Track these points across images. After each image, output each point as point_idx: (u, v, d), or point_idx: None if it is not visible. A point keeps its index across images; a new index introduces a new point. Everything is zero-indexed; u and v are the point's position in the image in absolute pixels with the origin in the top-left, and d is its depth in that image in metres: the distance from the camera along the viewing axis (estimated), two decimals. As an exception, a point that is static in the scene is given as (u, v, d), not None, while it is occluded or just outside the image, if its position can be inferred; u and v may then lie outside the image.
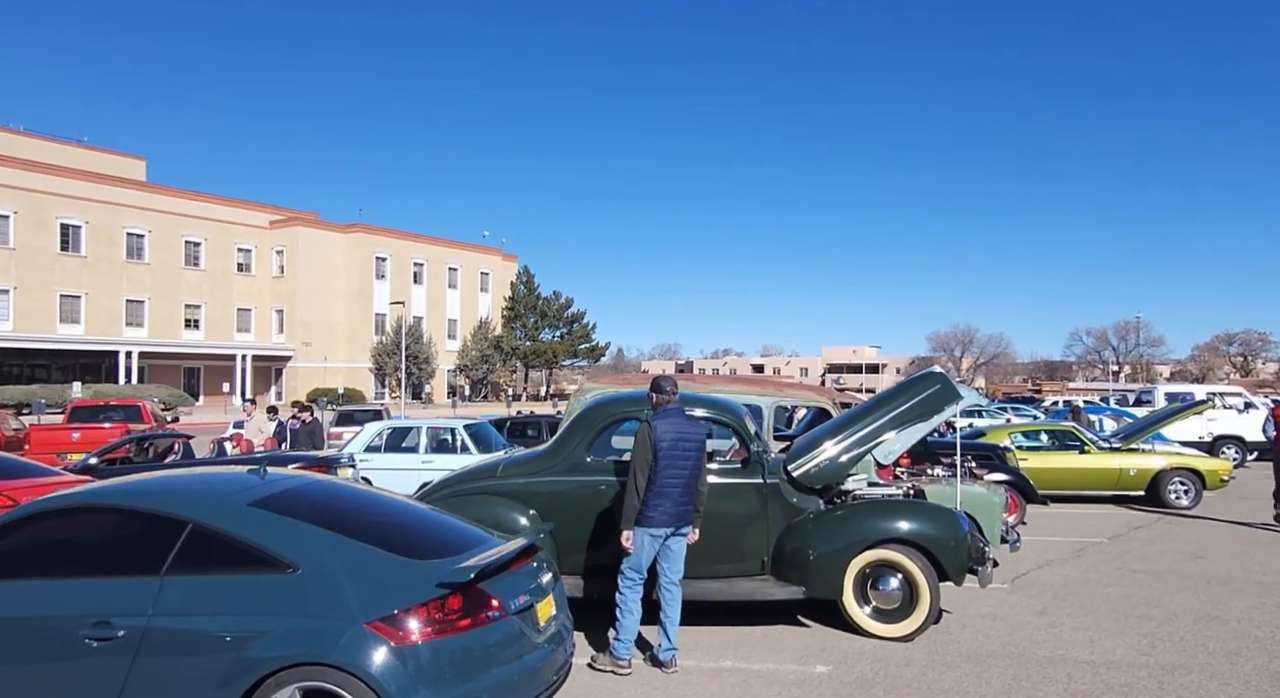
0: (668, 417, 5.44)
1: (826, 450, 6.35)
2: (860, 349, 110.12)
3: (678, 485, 5.32)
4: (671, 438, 5.33)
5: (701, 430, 5.51)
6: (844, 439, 6.41)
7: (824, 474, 6.31)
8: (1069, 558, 9.17)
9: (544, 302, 65.67)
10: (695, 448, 5.40)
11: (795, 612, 6.59)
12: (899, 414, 6.53)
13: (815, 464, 6.30)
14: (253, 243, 60.18)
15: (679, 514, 5.37)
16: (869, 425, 6.49)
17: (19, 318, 49.84)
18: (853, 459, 6.37)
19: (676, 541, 5.46)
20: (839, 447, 6.38)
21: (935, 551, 6.00)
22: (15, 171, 49.95)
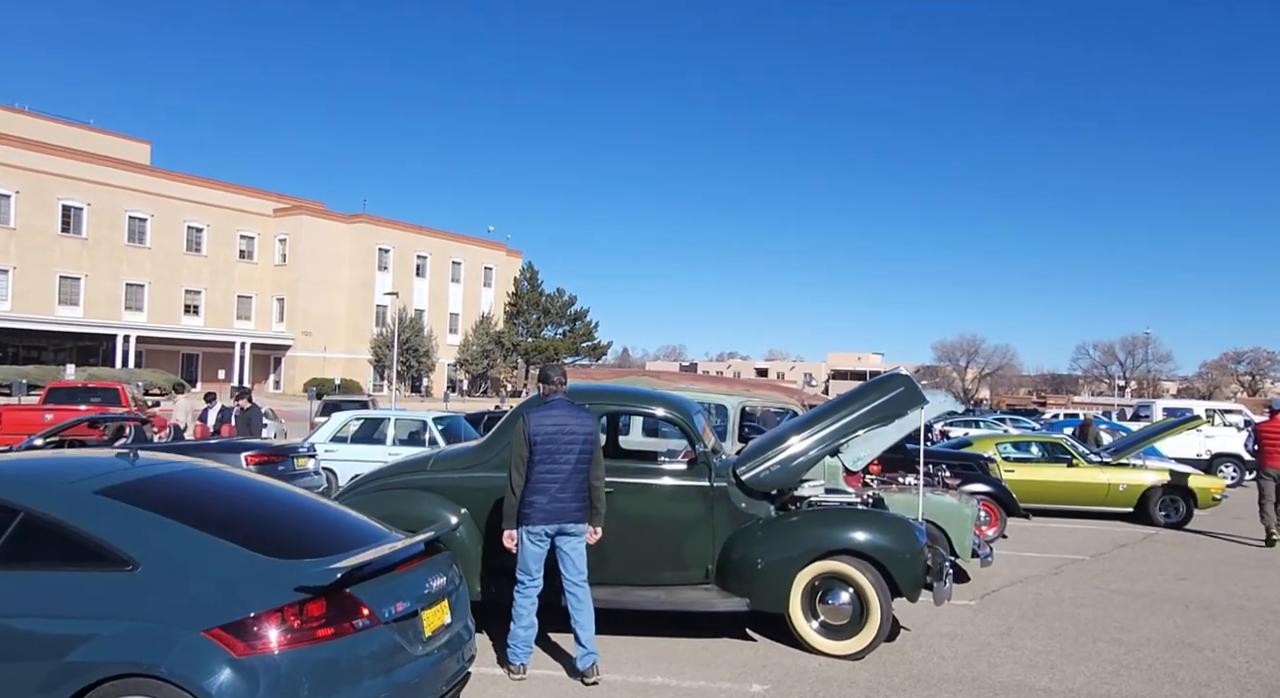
0: (550, 408, 5.13)
1: (779, 454, 5.97)
2: (865, 356, 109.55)
3: (555, 481, 4.99)
4: (549, 430, 5.00)
5: (590, 423, 5.13)
6: (798, 442, 6.02)
7: (775, 479, 5.92)
8: (1045, 575, 8.76)
9: (547, 299, 65.32)
10: (579, 441, 5.05)
11: (744, 625, 6.20)
12: (857, 418, 6.13)
13: (766, 468, 5.92)
14: (256, 230, 60.01)
15: (558, 512, 5.02)
16: (826, 429, 6.10)
17: (17, 298, 49.69)
18: (806, 464, 5.99)
19: (567, 540, 5.10)
20: (792, 450, 5.99)
21: (888, 563, 5.61)
22: (18, 150, 49.81)
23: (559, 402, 5.19)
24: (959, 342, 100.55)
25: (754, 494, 5.92)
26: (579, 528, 5.11)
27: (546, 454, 5.02)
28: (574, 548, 5.14)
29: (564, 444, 5.04)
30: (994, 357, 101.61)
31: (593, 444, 5.10)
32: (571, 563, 5.14)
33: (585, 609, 5.11)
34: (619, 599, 5.64)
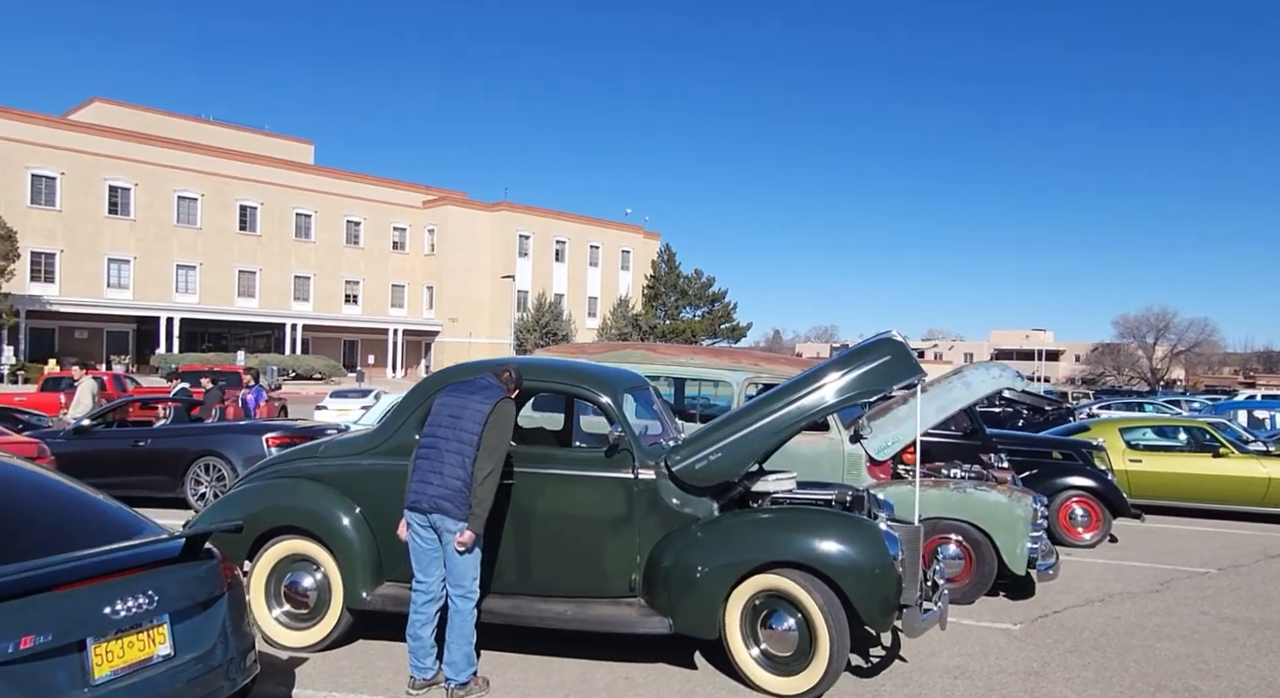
0: (459, 386, 4.49)
1: (722, 440, 4.83)
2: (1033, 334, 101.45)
3: (425, 460, 4.33)
4: (439, 407, 4.39)
5: (486, 403, 4.30)
6: (749, 426, 4.86)
7: (716, 470, 4.80)
8: (1140, 593, 7.06)
9: (685, 280, 64.39)
10: (466, 420, 4.29)
11: (692, 646, 5.12)
12: (826, 394, 4.86)
13: (703, 457, 4.80)
14: (407, 222, 62.79)
15: (419, 497, 4.31)
16: (784, 409, 4.88)
17: (204, 292, 54.44)
18: (753, 451, 4.82)
19: (446, 537, 4.33)
20: (740, 436, 4.83)
21: (841, 581, 4.40)
22: (204, 157, 54.41)
23: (474, 380, 4.56)
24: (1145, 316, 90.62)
25: (690, 490, 4.85)
26: (446, 522, 4.28)
27: (429, 433, 4.42)
28: (449, 552, 4.33)
29: (446, 422, 4.36)
30: (1189, 332, 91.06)
31: (478, 424, 4.28)
32: (449, 565, 4.37)
33: (458, 620, 4.32)
34: (519, 613, 4.75)
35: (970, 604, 6.45)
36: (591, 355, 7.78)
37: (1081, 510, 8.88)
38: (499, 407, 4.31)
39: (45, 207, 48.79)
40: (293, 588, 4.97)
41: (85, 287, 49.82)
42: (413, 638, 4.37)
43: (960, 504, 6.51)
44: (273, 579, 5.00)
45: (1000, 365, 7.28)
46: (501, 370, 4.56)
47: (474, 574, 4.35)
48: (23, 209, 47.32)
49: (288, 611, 4.98)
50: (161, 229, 52.68)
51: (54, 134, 49.53)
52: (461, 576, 4.32)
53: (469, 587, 4.33)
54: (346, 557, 4.84)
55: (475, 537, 4.28)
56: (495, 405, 4.30)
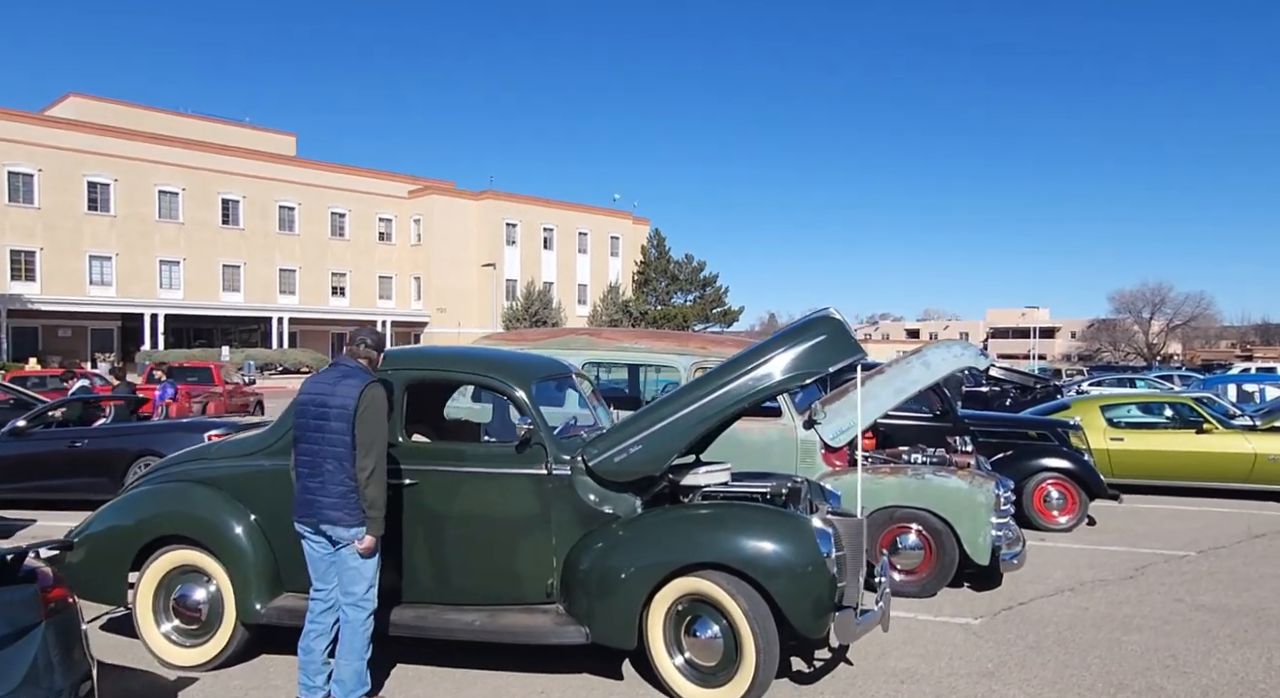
0: (321, 374, 4.10)
1: (642, 431, 4.43)
2: (1029, 311, 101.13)
3: (304, 468, 3.96)
4: (302, 404, 3.98)
5: (350, 392, 3.91)
6: (672, 414, 4.46)
7: (636, 463, 4.40)
8: (1113, 581, 6.70)
9: (675, 265, 63.94)
10: (333, 421, 3.89)
11: (622, 655, 4.70)
12: (757, 378, 4.45)
13: (622, 449, 4.40)
14: (393, 213, 62.16)
15: (303, 507, 3.95)
16: (711, 396, 4.47)
17: (188, 287, 53.88)
18: (676, 443, 4.41)
19: (323, 545, 3.97)
20: (662, 426, 4.43)
21: (765, 583, 4.02)
22: (184, 151, 53.69)
23: (340, 365, 4.11)
24: (1141, 291, 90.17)
25: (610, 485, 4.45)
26: (339, 532, 3.89)
27: (300, 431, 4.02)
28: (347, 558, 3.95)
29: (313, 418, 3.95)
30: (1185, 306, 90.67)
31: (346, 422, 3.87)
32: (340, 575, 3.99)
33: (345, 640, 3.93)
34: (424, 624, 4.37)
35: (932, 596, 6.09)
36: (533, 342, 7.39)
37: (1057, 493, 8.51)
38: (365, 394, 3.89)
39: (24, 204, 48.16)
40: (182, 602, 4.57)
41: (67, 284, 49.27)
42: (304, 651, 3.99)
43: (919, 492, 6.13)
44: (161, 593, 4.60)
45: (962, 343, 6.88)
46: (355, 346, 4.10)
47: (369, 582, 3.96)
48: (1, 207, 46.74)
49: (178, 626, 4.59)
50: (143, 224, 52.08)
51: (30, 130, 48.82)
52: (354, 582, 3.93)
53: (361, 595, 3.94)
54: (238, 567, 4.45)
55: (376, 540, 3.91)
56: (361, 394, 3.88)
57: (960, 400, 19.16)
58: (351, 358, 4.08)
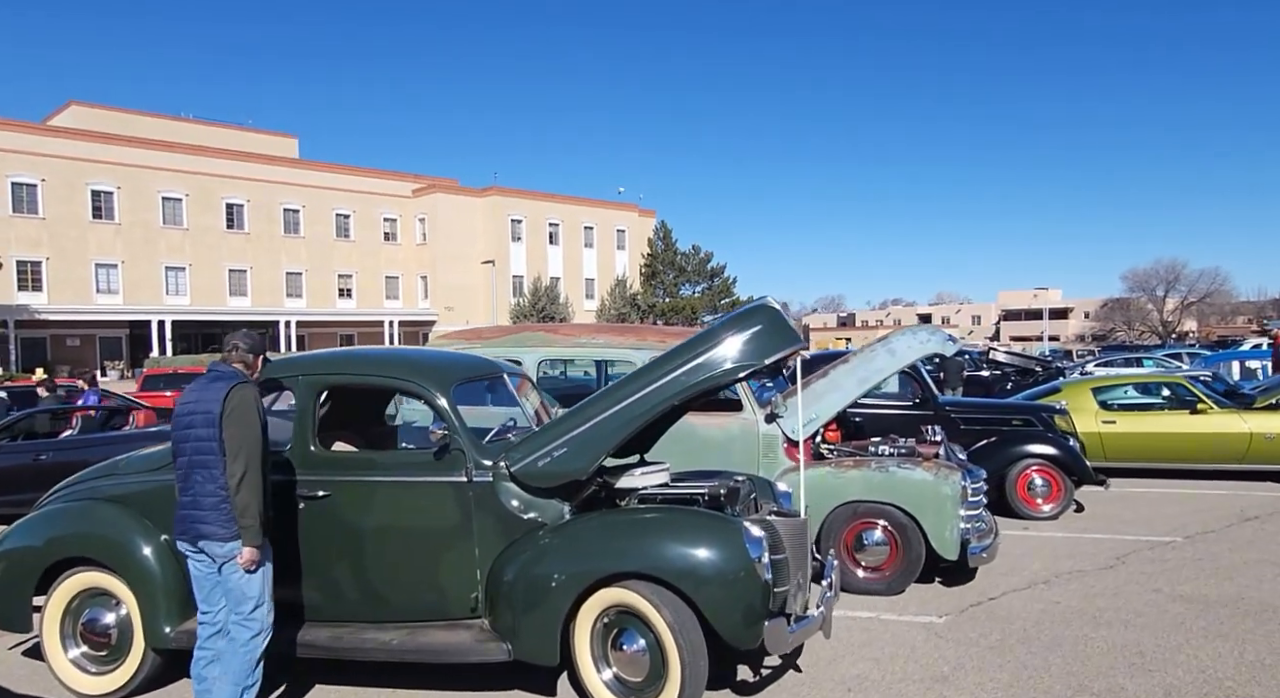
0: (194, 382, 3.90)
1: (567, 433, 4.22)
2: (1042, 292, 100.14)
3: (179, 479, 3.80)
4: (176, 412, 3.82)
5: (216, 396, 3.73)
6: (598, 414, 4.23)
7: (560, 468, 4.18)
8: (1091, 571, 6.43)
9: (682, 257, 63.62)
10: (198, 426, 3.72)
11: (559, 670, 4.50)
12: (691, 372, 4.21)
13: (545, 453, 4.19)
14: (397, 212, 62.12)
15: (180, 523, 3.78)
16: (640, 392, 4.24)
17: (195, 293, 54.11)
18: (604, 444, 4.18)
19: (206, 563, 3.78)
20: (589, 426, 4.21)
21: (690, 592, 3.80)
22: (186, 156, 53.81)
23: (210, 372, 3.92)
24: (1155, 268, 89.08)
25: (535, 492, 4.24)
26: (215, 547, 3.70)
27: (174, 444, 3.86)
28: (230, 577, 3.76)
29: (183, 428, 3.79)
30: (1199, 283, 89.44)
31: (212, 426, 3.69)
32: (225, 590, 3.80)
33: (226, 661, 3.74)
34: (338, 645, 4.16)
35: (900, 594, 5.86)
36: (487, 340, 7.18)
37: (1041, 480, 8.24)
38: (232, 396, 3.69)
39: (28, 214, 48.44)
40: (90, 627, 4.39)
41: (74, 293, 49.55)
42: (197, 679, 3.80)
43: (883, 485, 5.89)
44: (69, 617, 4.42)
45: (929, 329, 6.62)
46: (229, 351, 3.91)
47: (255, 600, 3.75)
48: (5, 218, 47.05)
49: (86, 652, 4.40)
50: (148, 231, 52.29)
51: (32, 140, 49.07)
52: (239, 602, 3.74)
53: (248, 614, 3.74)
54: (146, 590, 4.25)
55: (256, 551, 3.69)
56: (227, 396, 3.69)
57: (961, 386, 18.93)
58: (225, 363, 3.87)
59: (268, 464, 3.78)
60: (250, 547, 3.67)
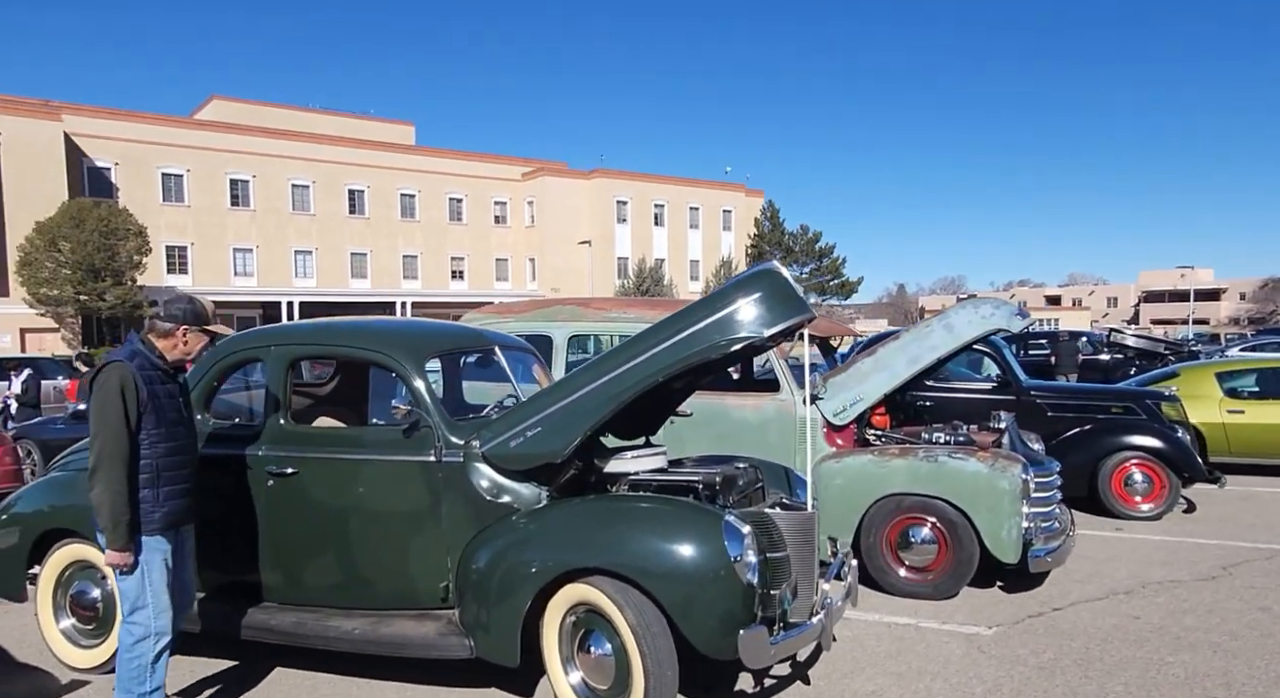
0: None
1: (543, 410, 3.85)
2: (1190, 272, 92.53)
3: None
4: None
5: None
6: (576, 392, 3.83)
7: (534, 449, 3.80)
8: (1188, 581, 5.58)
9: (790, 237, 62.10)
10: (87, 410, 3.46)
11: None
12: (680, 345, 3.73)
13: (518, 432, 3.83)
14: (507, 196, 63.24)
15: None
16: (623, 367, 3.79)
17: (320, 275, 56.82)
18: (581, 424, 3.76)
19: None
20: (565, 403, 3.82)
21: (657, 593, 3.36)
22: (312, 145, 56.43)
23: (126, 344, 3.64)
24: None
25: (509, 474, 3.89)
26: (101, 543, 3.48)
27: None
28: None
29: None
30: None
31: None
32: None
33: (117, 665, 3.50)
34: (302, 631, 3.95)
35: (950, 598, 5.23)
36: (519, 315, 6.91)
37: (1141, 475, 7.30)
38: (97, 379, 3.36)
39: (175, 203, 51.79)
40: (78, 600, 4.34)
41: (214, 276, 52.80)
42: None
43: (931, 477, 5.26)
44: (61, 588, 4.39)
45: (994, 302, 5.88)
46: (147, 319, 3.56)
47: (132, 603, 3.41)
48: (156, 207, 50.45)
49: (75, 625, 4.37)
50: (279, 218, 55.08)
51: (180, 134, 52.39)
52: (122, 600, 3.44)
53: (127, 615, 3.42)
54: None
55: (120, 555, 3.33)
56: (94, 379, 3.38)
57: (1077, 370, 17.47)
58: (136, 336, 3.54)
59: (132, 457, 3.33)
60: (113, 550, 3.32)
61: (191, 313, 3.51)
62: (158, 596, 3.44)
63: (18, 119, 45.59)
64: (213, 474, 4.06)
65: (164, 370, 3.50)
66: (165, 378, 3.50)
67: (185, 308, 3.52)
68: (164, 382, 3.48)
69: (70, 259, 39.46)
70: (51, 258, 39.68)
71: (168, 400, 3.47)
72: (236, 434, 4.16)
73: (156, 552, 3.43)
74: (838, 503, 5.43)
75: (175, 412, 3.51)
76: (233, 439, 4.14)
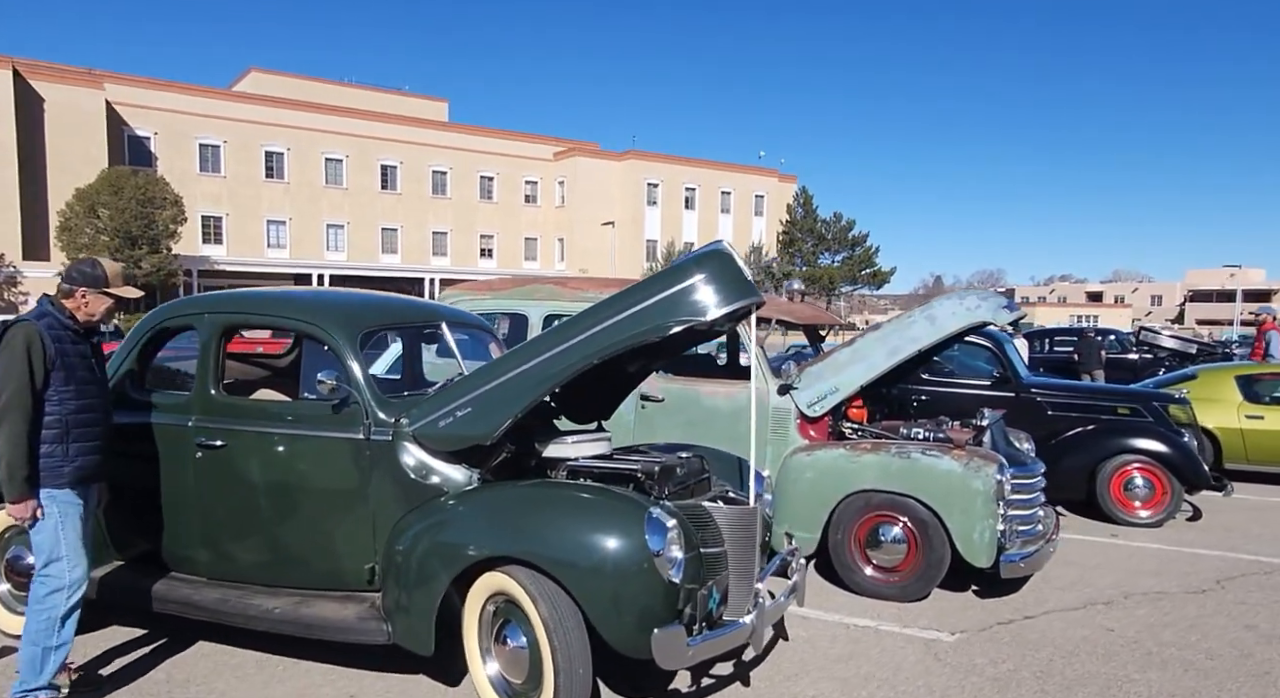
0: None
1: (473, 390, 3.69)
2: (1240, 271, 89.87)
3: None
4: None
5: None
6: (508, 372, 3.66)
7: (463, 430, 3.64)
8: (1175, 593, 5.30)
9: (823, 224, 61.18)
10: None
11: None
12: (617, 327, 3.54)
13: (447, 412, 3.67)
14: (538, 175, 63.15)
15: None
16: (557, 348, 3.61)
17: (351, 249, 57.26)
18: (512, 406, 3.58)
19: None
20: (495, 383, 3.65)
21: (571, 586, 3.20)
22: (347, 120, 56.70)
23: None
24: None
25: (439, 455, 3.74)
26: None
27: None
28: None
29: None
30: None
31: None
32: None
33: (27, 618, 3.47)
34: (224, 608, 3.83)
35: (919, 601, 5.01)
36: (495, 292, 6.75)
37: (1142, 480, 6.98)
38: (5, 337, 3.30)
39: (212, 174, 52.36)
40: (13, 565, 4.28)
41: (249, 247, 53.41)
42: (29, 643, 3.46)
43: (903, 474, 5.02)
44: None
45: (980, 294, 5.60)
46: (57, 287, 3.52)
47: (47, 555, 3.39)
48: (193, 176, 51.04)
49: (10, 590, 4.31)
50: (312, 191, 55.50)
51: (218, 105, 52.83)
52: (36, 552, 3.44)
53: (41, 567, 3.41)
54: None
55: (20, 507, 3.29)
56: (0, 337, 3.32)
57: (1102, 368, 16.96)
58: (49, 297, 3.50)
59: (36, 412, 3.30)
60: (13, 502, 3.30)
61: (91, 276, 3.50)
62: (73, 547, 3.44)
63: (62, 87, 46.37)
64: (144, 443, 3.99)
65: (74, 330, 3.48)
66: (77, 338, 3.49)
67: (85, 271, 3.51)
68: (75, 342, 3.48)
69: (108, 226, 40.10)
70: (90, 224, 40.34)
71: (78, 359, 3.46)
72: (169, 403, 4.06)
73: (69, 505, 3.43)
74: (807, 497, 5.24)
75: (86, 371, 3.49)
76: (165, 408, 4.03)
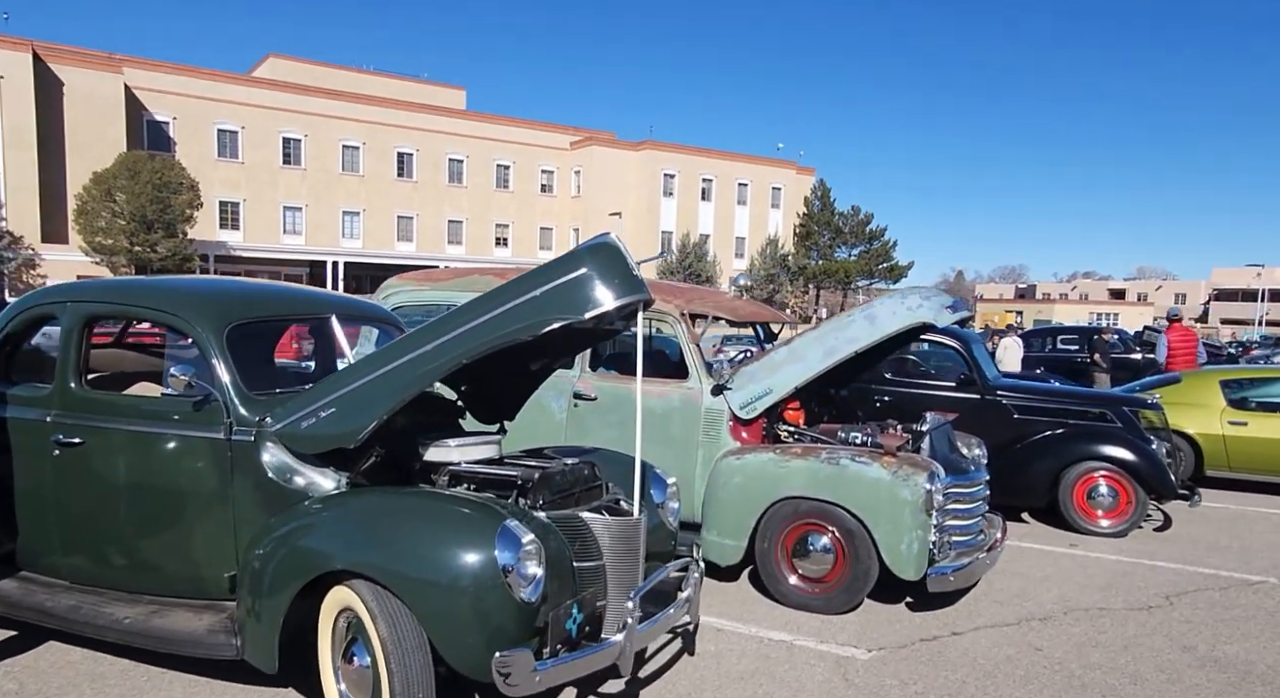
0: None
1: (338, 390, 3.49)
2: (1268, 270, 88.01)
3: None
4: None
5: None
6: (375, 371, 3.45)
7: (327, 432, 3.43)
8: (1119, 610, 5.01)
9: (840, 218, 60.47)
10: None
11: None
12: (493, 323, 3.33)
13: (311, 412, 3.48)
14: (554, 164, 62.90)
15: None
16: (430, 343, 3.40)
17: (367, 237, 57.37)
18: (378, 407, 3.35)
19: None
20: (361, 383, 3.44)
21: (411, 603, 2.99)
22: (364, 107, 56.72)
23: None
24: None
25: (304, 458, 3.54)
26: None
27: None
28: None
29: None
30: None
31: None
32: None
33: None
34: (75, 616, 3.63)
35: (845, 613, 4.77)
36: (436, 283, 6.56)
37: (1107, 488, 6.68)
38: None
39: (229, 159, 52.55)
40: None
41: (265, 233, 53.64)
42: None
43: (831, 481, 4.77)
44: None
45: (923, 293, 5.30)
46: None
47: None
48: (211, 161, 51.26)
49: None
50: (328, 177, 55.59)
51: (236, 90, 52.96)
52: None
53: None
54: None
55: None
56: None
57: (1108, 369, 16.49)
58: None
59: None
60: None
61: None
62: None
63: (81, 71, 46.68)
64: (2, 438, 3.82)
65: None
66: None
67: None
68: None
69: (125, 210, 40.37)
70: (107, 208, 40.63)
71: None
72: (29, 396, 3.89)
73: None
74: (735, 503, 5.01)
75: None
76: (25, 401, 3.87)
